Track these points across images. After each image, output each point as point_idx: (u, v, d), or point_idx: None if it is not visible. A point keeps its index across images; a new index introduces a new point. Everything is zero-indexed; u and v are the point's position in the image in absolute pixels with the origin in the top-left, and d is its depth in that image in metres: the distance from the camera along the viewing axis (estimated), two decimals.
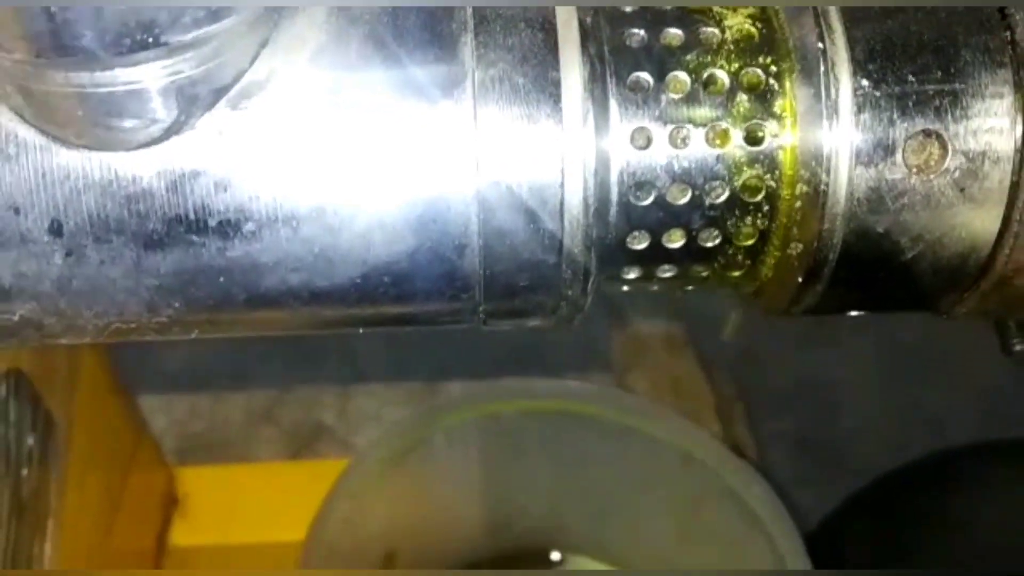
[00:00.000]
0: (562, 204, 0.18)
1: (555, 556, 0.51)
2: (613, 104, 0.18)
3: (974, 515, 0.76)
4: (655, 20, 0.18)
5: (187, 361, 1.41)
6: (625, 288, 0.21)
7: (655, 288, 0.21)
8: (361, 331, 0.20)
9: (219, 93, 0.17)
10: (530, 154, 0.18)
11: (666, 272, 0.20)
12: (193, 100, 0.17)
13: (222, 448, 0.63)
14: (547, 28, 0.18)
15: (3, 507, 0.36)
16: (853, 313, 0.21)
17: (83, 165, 0.17)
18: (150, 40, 0.15)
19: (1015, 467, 0.68)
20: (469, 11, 0.18)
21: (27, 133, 0.17)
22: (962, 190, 0.18)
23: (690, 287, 0.21)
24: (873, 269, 0.19)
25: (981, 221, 0.18)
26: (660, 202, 0.18)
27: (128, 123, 0.17)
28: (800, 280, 0.19)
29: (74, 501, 0.42)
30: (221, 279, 0.18)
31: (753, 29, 0.18)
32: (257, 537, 0.55)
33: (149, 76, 0.16)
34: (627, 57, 0.18)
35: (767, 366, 1.29)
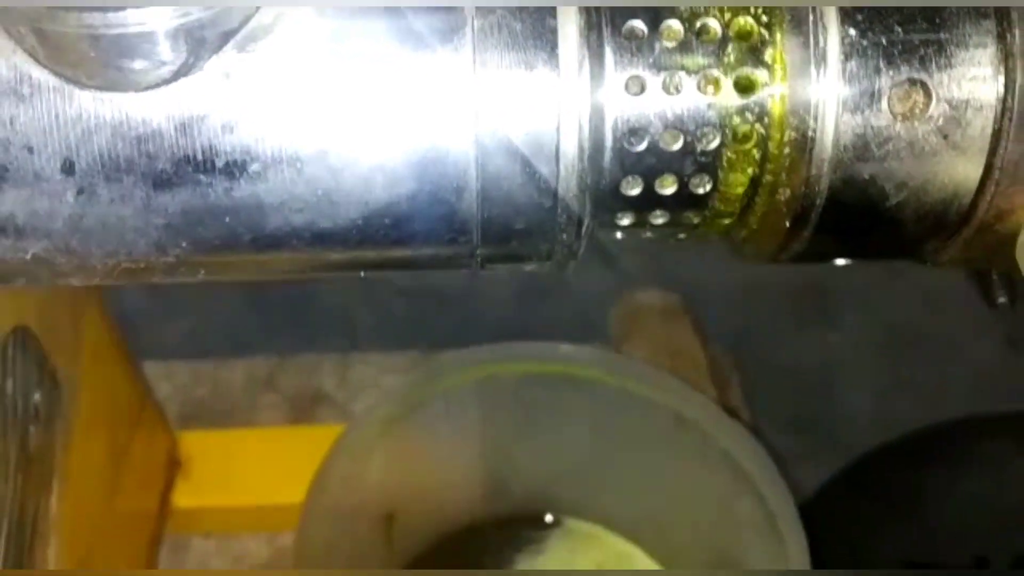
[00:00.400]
0: (557, 150, 0.19)
1: (548, 519, 0.51)
2: (608, 52, 0.19)
3: (956, 487, 0.77)
4: None
5: (188, 331, 1.41)
6: (619, 235, 0.21)
7: (648, 235, 0.21)
8: (362, 274, 0.21)
9: (226, 36, 0.18)
10: (527, 101, 0.18)
11: (658, 218, 0.20)
12: (201, 43, 0.18)
13: (224, 414, 0.63)
14: None
15: (11, 461, 0.37)
16: (839, 262, 0.22)
17: (95, 106, 0.18)
18: None
19: (999, 440, 0.69)
20: None
21: (41, 75, 0.18)
22: (945, 137, 0.19)
23: (682, 235, 0.22)
24: (858, 215, 0.20)
25: (964, 168, 0.19)
26: (653, 148, 0.19)
27: (138, 64, 0.17)
28: (788, 225, 0.20)
29: (79, 459, 0.43)
30: (227, 219, 0.19)
31: None
32: (258, 499, 0.56)
33: (158, 19, 0.17)
34: (622, 5, 0.19)
35: (764, 346, 1.31)
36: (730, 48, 0.19)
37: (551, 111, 0.19)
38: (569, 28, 0.18)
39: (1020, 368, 1.26)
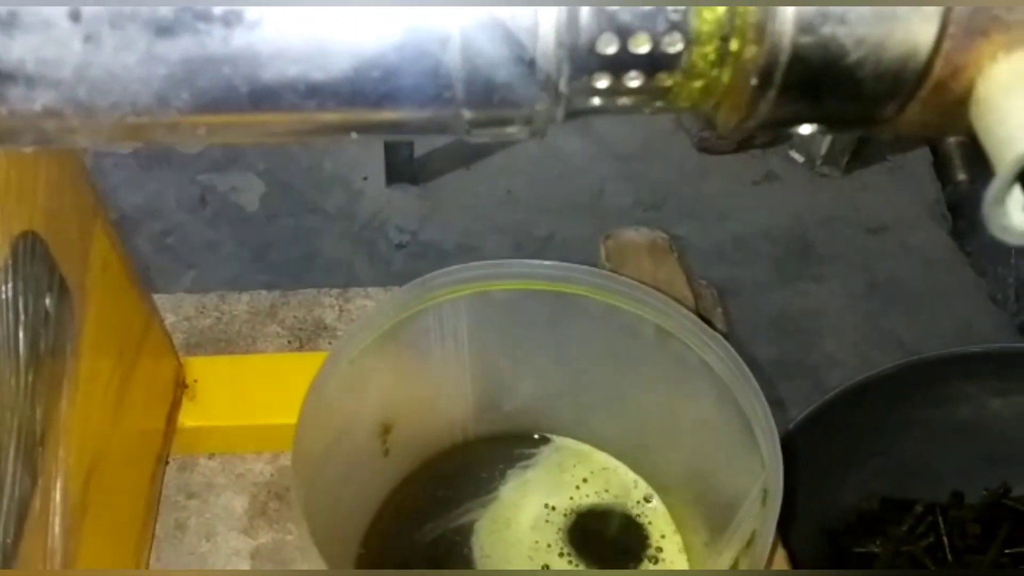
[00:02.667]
0: (535, 13, 0.20)
1: (537, 436, 0.53)
2: None
3: (933, 423, 0.78)
4: None
5: (194, 269, 1.43)
6: (596, 101, 0.23)
7: (625, 101, 0.23)
8: (354, 135, 0.22)
9: None
10: None
11: (633, 80, 0.22)
12: None
13: (228, 342, 0.65)
14: None
15: (21, 358, 0.38)
16: (804, 129, 0.23)
17: None
18: None
19: (975, 377, 0.71)
20: None
21: None
22: None
23: (658, 103, 0.23)
24: (821, 72, 0.21)
25: (920, 24, 0.20)
26: (628, 6, 0.20)
27: None
28: (755, 84, 0.21)
29: (87, 367, 0.45)
30: (224, 68, 0.20)
31: None
32: (261, 420, 0.58)
33: None
34: None
35: (749, 298, 1.33)
36: None
37: None
38: None
39: (1000, 323, 1.28)
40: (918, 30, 0.20)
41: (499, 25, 0.20)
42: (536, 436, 0.55)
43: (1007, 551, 0.81)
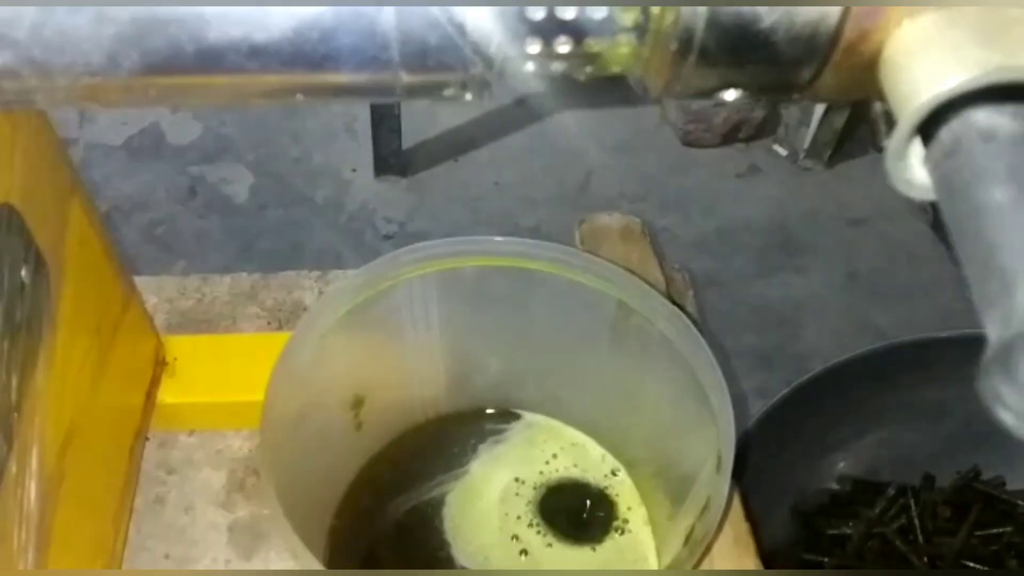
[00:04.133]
0: None
1: (507, 413, 0.54)
2: None
3: (905, 406, 0.80)
4: None
5: (183, 259, 1.44)
6: (530, 67, 0.24)
7: (557, 67, 0.24)
8: (300, 97, 0.23)
9: None
10: None
11: (563, 45, 0.23)
12: None
13: (209, 323, 0.66)
14: None
15: None
16: (730, 95, 0.24)
17: None
18: None
19: (947, 361, 0.72)
20: None
21: None
22: None
23: (588, 67, 0.24)
24: (736, 38, 0.22)
25: None
26: None
27: None
28: (675, 49, 0.22)
29: (64, 341, 0.46)
30: (171, 28, 0.21)
31: None
32: (239, 397, 0.59)
33: None
34: None
35: (732, 289, 1.34)
36: None
37: None
38: None
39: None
40: None
41: None
42: (508, 412, 0.56)
43: (977, 533, 0.82)
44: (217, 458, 0.60)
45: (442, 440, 0.54)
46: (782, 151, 1.52)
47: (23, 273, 0.42)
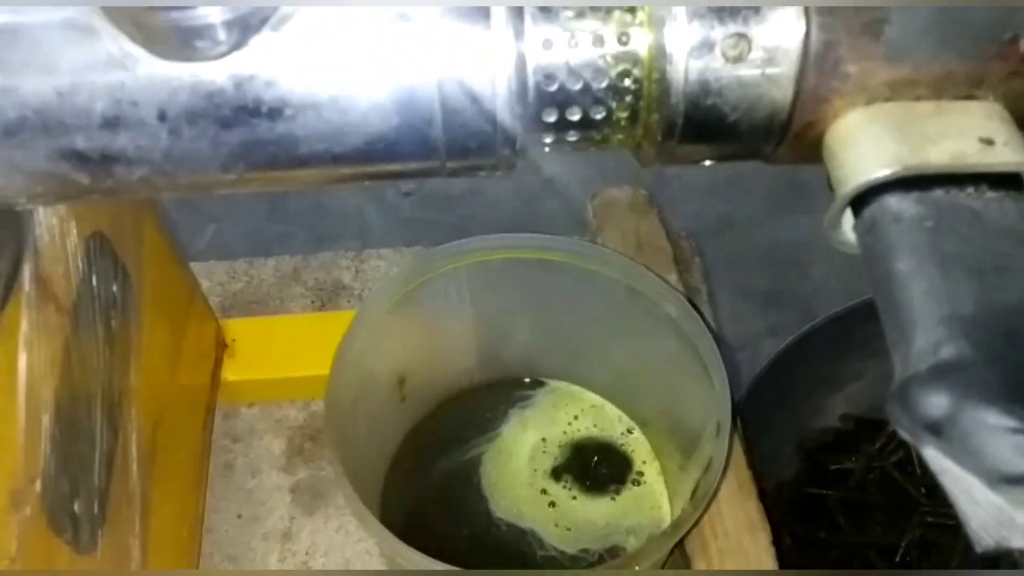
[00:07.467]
0: (494, 90, 0.27)
1: (532, 380, 0.62)
2: (528, 20, 0.27)
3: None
4: None
5: (214, 222, 1.50)
6: (546, 148, 0.30)
7: (567, 148, 0.30)
8: (367, 183, 0.30)
9: (263, 22, 0.26)
10: (472, 55, 0.27)
11: (571, 137, 0.29)
12: (246, 27, 0.26)
13: (259, 303, 0.73)
14: None
15: (99, 338, 0.46)
16: (707, 163, 0.30)
17: (177, 72, 0.26)
18: None
19: None
20: None
21: (138, 51, 0.26)
22: (763, 73, 0.27)
23: (593, 148, 0.30)
24: (708, 129, 0.28)
25: (779, 93, 0.27)
26: (562, 88, 0.27)
27: (205, 44, 0.26)
28: (660, 139, 0.28)
29: (148, 339, 0.53)
30: (271, 148, 0.27)
31: None
32: (292, 372, 0.66)
33: (216, 13, 0.25)
34: None
35: (742, 231, 1.39)
36: (614, 14, 0.27)
37: (490, 62, 0.27)
38: (499, 8, 0.26)
39: None
40: (778, 98, 0.27)
41: (468, 107, 0.27)
42: (534, 380, 0.63)
43: None
44: (276, 427, 0.67)
45: (476, 407, 0.62)
46: None
47: (114, 288, 0.49)
